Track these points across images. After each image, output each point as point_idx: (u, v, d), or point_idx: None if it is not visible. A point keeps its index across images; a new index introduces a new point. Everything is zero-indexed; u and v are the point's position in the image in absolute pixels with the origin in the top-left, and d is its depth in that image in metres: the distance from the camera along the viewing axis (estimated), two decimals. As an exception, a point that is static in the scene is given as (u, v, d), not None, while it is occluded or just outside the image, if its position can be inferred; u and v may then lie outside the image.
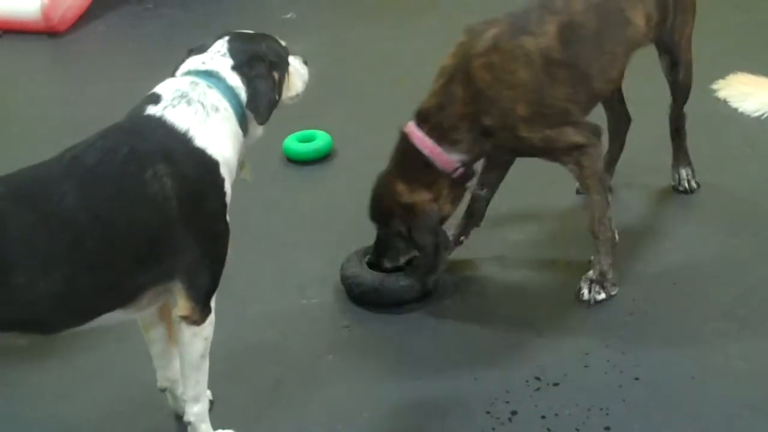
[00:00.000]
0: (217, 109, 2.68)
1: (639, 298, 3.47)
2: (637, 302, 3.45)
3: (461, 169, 3.38)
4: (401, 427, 3.03)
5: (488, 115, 3.31)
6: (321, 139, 4.50)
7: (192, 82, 2.71)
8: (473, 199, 3.69)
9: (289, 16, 5.94)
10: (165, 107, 2.66)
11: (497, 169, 3.67)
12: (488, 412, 3.02)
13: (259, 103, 2.75)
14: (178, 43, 5.83)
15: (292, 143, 4.49)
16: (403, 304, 3.50)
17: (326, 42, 5.58)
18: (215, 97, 2.70)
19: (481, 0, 4.39)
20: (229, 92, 2.72)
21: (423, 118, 3.38)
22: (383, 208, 3.44)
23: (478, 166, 3.54)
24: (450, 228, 3.62)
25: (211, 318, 2.72)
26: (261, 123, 2.78)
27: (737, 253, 3.67)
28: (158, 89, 2.72)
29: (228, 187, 2.70)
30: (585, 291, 3.46)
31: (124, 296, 2.62)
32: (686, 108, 3.98)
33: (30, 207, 2.45)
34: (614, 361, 3.19)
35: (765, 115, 4.37)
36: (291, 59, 2.94)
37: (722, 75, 4.53)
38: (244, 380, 3.19)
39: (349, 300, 3.54)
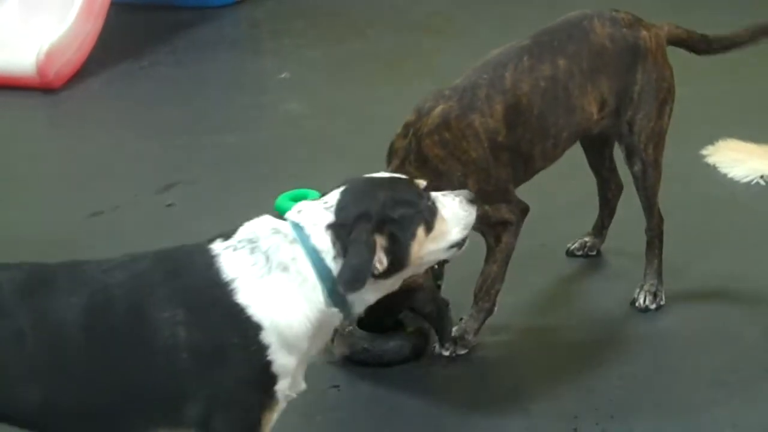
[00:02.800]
0: (285, 268, 2.38)
1: (627, 361, 3.47)
2: (625, 366, 3.44)
3: None
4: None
5: (443, 190, 3.31)
6: (312, 199, 4.51)
7: (274, 230, 2.44)
8: None
9: (283, 76, 5.98)
10: (227, 247, 2.41)
11: None
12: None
13: (342, 273, 2.38)
14: (173, 102, 6.01)
15: (285, 202, 4.48)
16: (393, 365, 3.48)
17: (319, 103, 5.63)
18: (290, 254, 2.39)
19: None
20: (314, 254, 2.40)
21: None
22: None
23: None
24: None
25: None
26: (344, 293, 2.40)
27: (727, 318, 3.67)
28: (246, 226, 2.47)
29: (278, 357, 2.39)
30: (443, 348, 3.48)
31: (127, 428, 2.45)
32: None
33: (30, 306, 2.34)
34: (603, 425, 3.17)
35: (754, 181, 4.43)
36: (446, 200, 2.57)
37: (712, 141, 4.63)
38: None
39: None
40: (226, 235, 2.45)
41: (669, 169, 4.50)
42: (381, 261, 2.41)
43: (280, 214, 4.53)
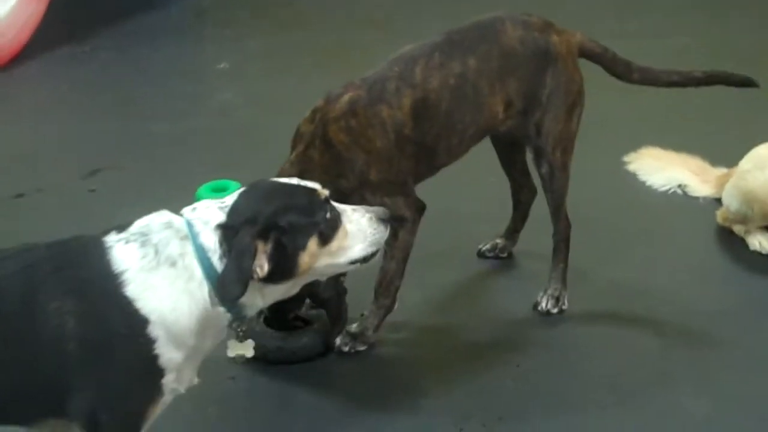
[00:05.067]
0: (173, 264, 2.38)
1: (523, 363, 3.49)
2: (521, 368, 3.47)
3: None
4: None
5: (345, 178, 3.34)
6: (233, 190, 4.51)
7: (167, 224, 2.43)
8: None
9: (222, 66, 5.98)
10: (120, 239, 2.41)
11: None
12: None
13: (221, 277, 2.37)
14: (109, 88, 6.00)
15: (205, 192, 4.49)
16: (306, 362, 3.49)
17: (255, 93, 5.62)
18: (179, 250, 2.39)
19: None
20: (201, 253, 2.39)
21: None
22: None
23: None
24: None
25: None
26: (220, 300, 2.40)
27: (626, 326, 3.69)
28: (141, 219, 2.46)
29: (164, 351, 2.39)
30: (341, 343, 3.52)
31: (13, 417, 2.44)
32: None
33: None
34: (490, 426, 3.20)
35: (671, 190, 4.47)
36: (354, 215, 2.55)
37: (636, 148, 4.67)
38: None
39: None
40: (121, 228, 2.45)
41: (589, 173, 4.57)
42: (262, 267, 2.39)
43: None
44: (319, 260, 2.48)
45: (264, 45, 6.24)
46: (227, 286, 2.36)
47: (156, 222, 2.45)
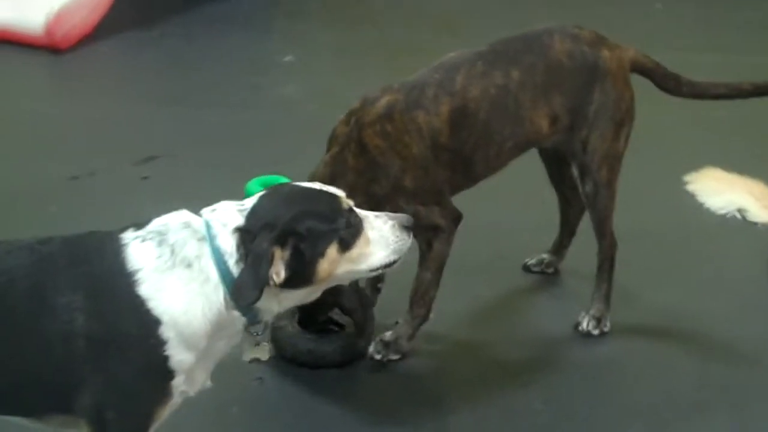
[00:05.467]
0: (189, 265, 2.33)
1: (556, 386, 3.40)
2: (553, 390, 3.37)
3: None
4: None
5: (378, 183, 3.28)
6: (282, 186, 4.48)
7: (185, 224, 2.38)
8: None
9: (287, 59, 5.95)
10: (136, 237, 2.37)
11: None
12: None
13: (237, 282, 2.33)
14: (173, 74, 6.00)
15: (255, 187, 4.43)
16: (336, 367, 3.45)
17: (318, 88, 5.58)
18: (196, 251, 2.35)
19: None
20: (218, 255, 2.34)
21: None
22: None
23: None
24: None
25: None
26: (235, 304, 2.35)
27: (668, 352, 3.57)
28: (160, 218, 2.42)
29: (175, 352, 2.35)
30: (373, 350, 3.45)
31: (18, 409, 2.42)
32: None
33: None
34: None
35: (730, 214, 4.32)
36: (377, 222, 2.48)
37: (698, 167, 4.52)
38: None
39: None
40: (139, 225, 2.42)
41: (646, 191, 4.48)
42: (278, 273, 2.34)
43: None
44: (339, 267, 2.43)
45: (333, 40, 6.21)
46: (243, 291, 2.32)
47: (174, 221, 2.41)
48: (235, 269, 2.35)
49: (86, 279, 2.33)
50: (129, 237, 2.38)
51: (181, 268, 2.34)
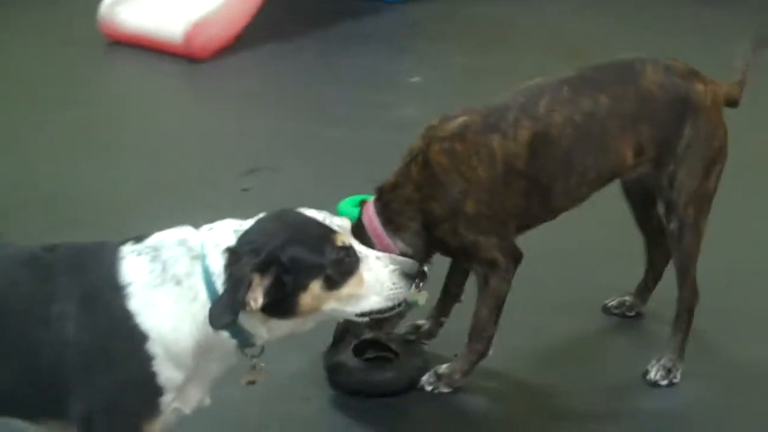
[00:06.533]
0: (178, 282, 2.32)
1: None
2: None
3: None
4: None
5: (437, 202, 3.17)
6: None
7: (182, 241, 2.36)
8: (447, 277, 3.54)
9: (414, 80, 5.90)
10: (133, 251, 2.36)
11: None
12: None
13: (214, 303, 2.29)
14: (302, 88, 6.05)
15: (347, 207, 4.42)
16: (387, 396, 3.36)
17: (440, 110, 5.45)
18: (187, 269, 2.33)
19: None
20: (207, 275, 2.32)
21: (379, 195, 3.27)
22: None
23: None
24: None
25: None
26: (209, 323, 2.29)
27: (738, 411, 3.34)
28: (160, 233, 2.41)
29: (163, 369, 2.33)
30: (427, 382, 3.35)
31: (16, 411, 2.42)
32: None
33: None
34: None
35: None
36: (375, 264, 2.39)
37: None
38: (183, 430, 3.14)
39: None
40: (139, 239, 2.41)
41: (742, 234, 4.21)
42: (256, 299, 2.29)
43: (342, 215, 4.56)
44: (326, 304, 2.35)
45: (463, 63, 6.13)
46: (216, 313, 2.28)
47: (171, 238, 2.39)
48: (221, 290, 2.31)
49: (80, 288, 2.34)
50: (127, 250, 2.38)
51: (170, 284, 2.32)
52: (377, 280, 2.37)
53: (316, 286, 2.32)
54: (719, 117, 3.36)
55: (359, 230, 3.25)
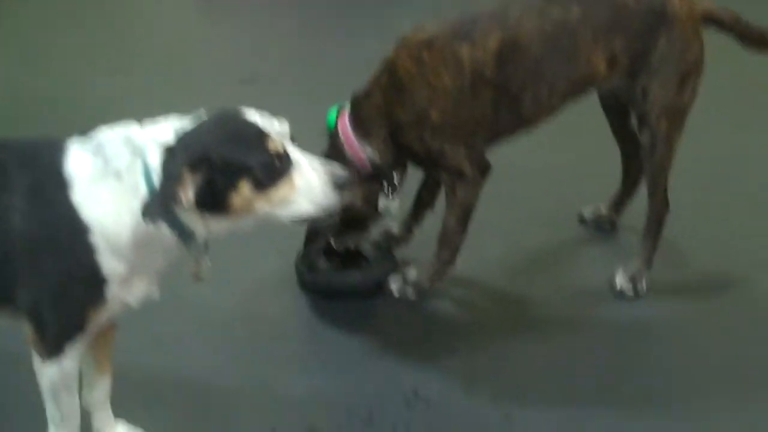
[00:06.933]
0: (119, 177, 2.36)
1: (572, 344, 3.23)
2: (566, 349, 3.21)
3: (369, 166, 3.29)
4: (251, 400, 2.98)
5: (402, 108, 3.20)
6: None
7: (126, 138, 2.38)
8: (421, 185, 3.59)
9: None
10: (78, 146, 2.40)
11: None
12: (348, 412, 2.90)
13: (148, 197, 2.33)
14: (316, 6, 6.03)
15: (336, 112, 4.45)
16: (354, 298, 3.44)
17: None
18: (127, 164, 2.36)
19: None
20: (146, 170, 2.34)
21: (353, 103, 3.31)
22: None
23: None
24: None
25: (63, 365, 2.48)
26: (142, 216, 2.32)
27: (705, 325, 3.34)
28: (106, 129, 2.42)
29: (105, 260, 2.38)
30: (394, 285, 3.42)
31: None
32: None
33: None
34: (498, 394, 2.97)
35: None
36: (308, 170, 2.39)
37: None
38: (151, 328, 3.21)
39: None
40: (86, 135, 2.46)
41: (729, 151, 4.19)
42: (187, 196, 2.32)
43: (329, 125, 4.60)
44: (257, 205, 2.38)
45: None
46: (148, 207, 2.32)
47: (116, 134, 2.42)
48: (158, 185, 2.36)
49: (26, 181, 2.39)
50: (72, 146, 2.43)
51: (111, 179, 2.37)
52: (308, 186, 2.39)
53: (245, 187, 2.35)
54: (695, 31, 3.33)
55: (335, 138, 3.30)
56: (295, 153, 2.41)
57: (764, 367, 3.16)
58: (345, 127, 3.28)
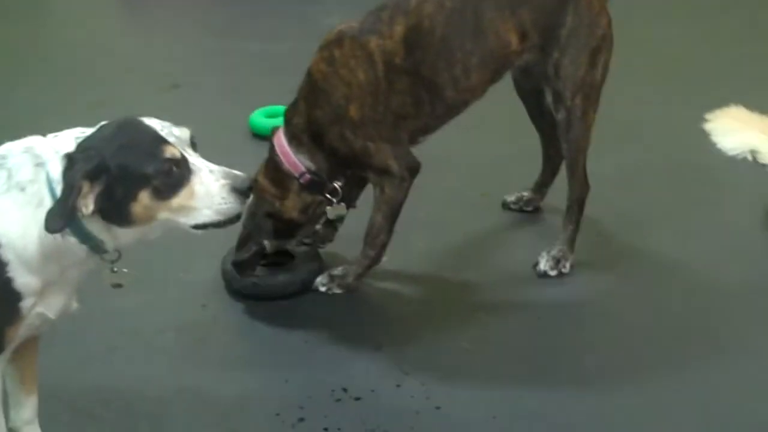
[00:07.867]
0: (23, 189, 2.33)
1: (495, 326, 3.27)
2: (480, 332, 3.25)
3: (308, 176, 3.30)
4: (181, 409, 2.96)
5: (320, 109, 3.21)
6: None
7: (28, 149, 2.36)
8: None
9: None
10: None
11: None
12: (278, 415, 2.92)
13: (50, 209, 2.29)
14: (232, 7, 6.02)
15: (258, 118, 4.47)
16: (282, 299, 3.43)
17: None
18: (31, 176, 2.34)
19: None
20: (48, 180, 2.32)
21: (285, 116, 3.34)
22: None
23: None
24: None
25: None
26: (44, 229, 2.29)
27: (633, 301, 3.40)
28: (11, 143, 2.40)
29: (18, 275, 2.36)
30: (320, 283, 3.43)
31: None
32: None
33: None
34: (428, 385, 3.01)
35: (741, 156, 4.08)
36: (207, 177, 2.35)
37: (724, 106, 4.26)
38: (79, 342, 3.20)
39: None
40: None
41: (657, 128, 4.27)
42: (87, 206, 2.32)
43: (252, 129, 4.60)
44: (159, 213, 2.37)
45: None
46: (49, 218, 2.30)
47: (18, 146, 2.40)
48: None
49: None
50: None
51: (15, 191, 2.34)
52: (208, 193, 2.35)
53: (144, 196, 2.34)
54: (601, 6, 3.37)
55: (272, 153, 3.33)
56: (194, 159, 2.40)
57: (689, 335, 3.23)
58: (280, 140, 3.31)
